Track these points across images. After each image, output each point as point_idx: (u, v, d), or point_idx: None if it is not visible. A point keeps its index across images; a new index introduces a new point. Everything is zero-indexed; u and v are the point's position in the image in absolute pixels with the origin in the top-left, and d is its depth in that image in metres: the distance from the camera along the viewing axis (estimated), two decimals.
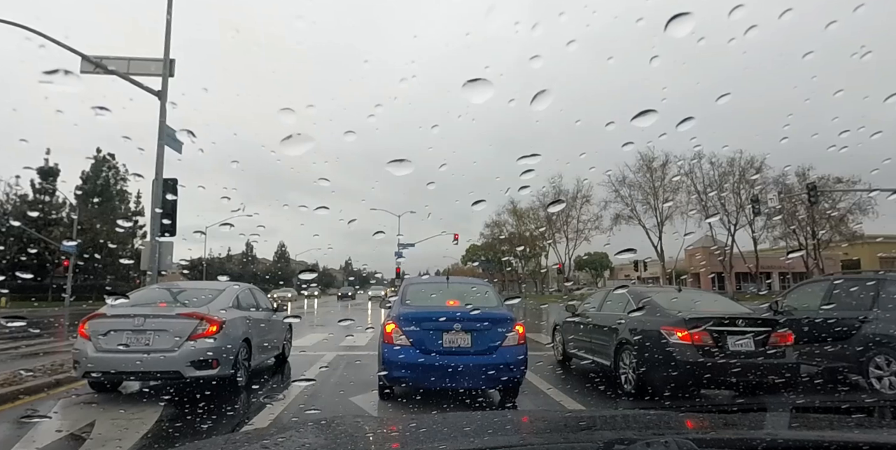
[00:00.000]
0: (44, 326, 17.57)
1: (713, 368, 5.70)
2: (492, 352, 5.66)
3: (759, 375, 5.77)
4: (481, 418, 1.71)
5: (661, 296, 7.07)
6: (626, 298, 7.35)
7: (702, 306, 6.74)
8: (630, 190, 47.17)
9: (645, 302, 6.83)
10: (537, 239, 61.14)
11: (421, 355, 5.58)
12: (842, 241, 43.44)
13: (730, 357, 5.78)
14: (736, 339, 5.91)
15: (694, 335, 5.85)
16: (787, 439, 1.22)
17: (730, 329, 5.94)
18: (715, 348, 5.82)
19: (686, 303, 6.72)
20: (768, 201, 31.03)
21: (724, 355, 5.79)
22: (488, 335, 5.71)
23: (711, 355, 5.79)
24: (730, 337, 5.90)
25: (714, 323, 5.95)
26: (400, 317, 5.85)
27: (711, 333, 5.87)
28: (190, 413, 5.40)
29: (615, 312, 7.44)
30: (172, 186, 9.47)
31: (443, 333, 5.66)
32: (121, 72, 9.55)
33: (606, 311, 7.82)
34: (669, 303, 6.70)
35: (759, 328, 6.02)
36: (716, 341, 5.85)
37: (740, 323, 6.00)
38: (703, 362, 5.74)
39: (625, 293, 7.58)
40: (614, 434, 1.39)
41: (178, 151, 9.95)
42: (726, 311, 6.58)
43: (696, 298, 7.20)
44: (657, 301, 6.76)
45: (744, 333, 5.95)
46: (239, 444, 1.33)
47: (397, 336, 5.68)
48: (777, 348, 6.00)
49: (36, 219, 39.19)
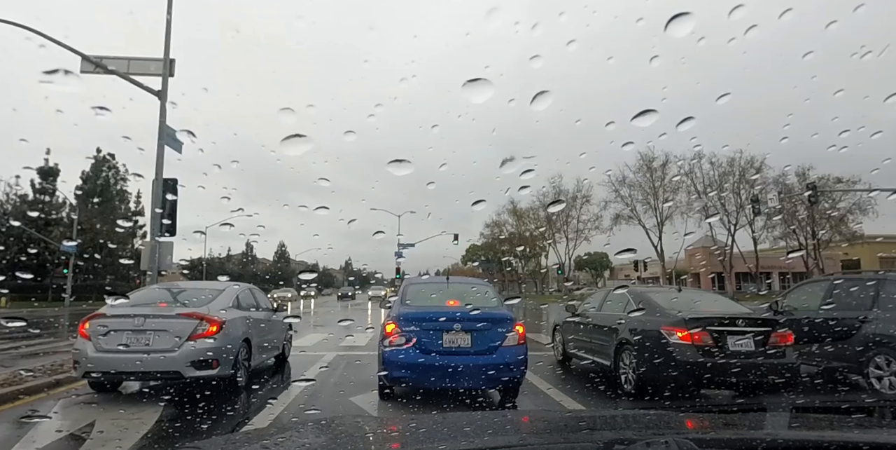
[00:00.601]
0: (43, 326, 17.58)
1: (713, 368, 5.69)
2: (492, 352, 5.65)
3: (759, 375, 5.77)
4: (481, 418, 1.71)
5: (661, 296, 7.07)
6: (626, 298, 7.34)
7: (702, 306, 6.73)
8: (630, 190, 47.24)
9: (645, 302, 6.83)
10: (537, 239, 61.14)
11: (421, 355, 5.57)
12: (842, 241, 43.44)
13: (730, 357, 5.78)
14: (736, 339, 5.90)
15: (694, 335, 5.84)
16: (787, 440, 1.22)
17: (730, 329, 5.94)
18: (715, 348, 5.82)
19: (686, 303, 6.72)
20: (768, 201, 31.01)
21: (723, 355, 5.78)
22: (488, 335, 5.71)
23: (711, 355, 5.79)
24: (730, 337, 5.90)
25: (714, 323, 5.96)
26: (400, 317, 5.85)
27: (711, 334, 5.87)
28: (190, 413, 5.39)
29: (615, 312, 7.43)
30: (172, 186, 9.47)
31: (443, 333, 5.65)
32: (121, 72, 9.54)
33: (606, 311, 7.81)
34: (669, 303, 6.69)
35: (759, 328, 6.02)
36: (716, 341, 5.85)
37: (740, 323, 6.00)
38: (703, 362, 5.73)
39: (625, 293, 7.57)
40: (614, 434, 1.39)
41: (178, 150, 9.95)
42: (726, 311, 6.58)
43: (696, 298, 7.19)
44: (657, 301, 6.76)
45: (744, 333, 5.94)
46: (239, 444, 1.34)
47: (397, 336, 5.67)
48: (777, 348, 6.00)
49: (36, 219, 39.20)
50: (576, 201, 55.02)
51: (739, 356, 5.82)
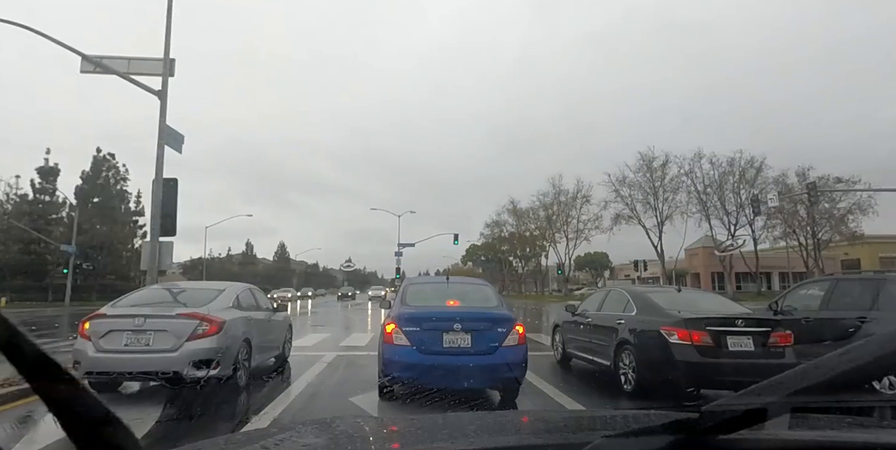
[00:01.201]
0: (42, 327, 17.56)
1: (712, 368, 5.69)
2: (492, 352, 5.61)
3: (759, 375, 5.73)
4: (481, 418, 1.71)
5: (661, 296, 7.06)
6: (626, 298, 7.33)
7: (702, 306, 6.73)
8: (630, 190, 47.22)
9: (644, 302, 6.83)
10: (537, 239, 61.11)
11: (421, 354, 5.54)
12: (842, 241, 43.44)
13: (729, 357, 5.78)
14: (735, 339, 5.90)
15: (693, 335, 5.84)
16: (787, 440, 1.21)
17: (729, 329, 5.93)
18: (715, 348, 5.82)
19: (686, 303, 6.72)
20: (769, 201, 30.95)
21: (723, 356, 5.78)
22: (488, 335, 5.67)
23: (711, 355, 5.78)
24: (729, 337, 5.89)
25: (714, 323, 5.95)
26: (400, 317, 5.82)
27: (711, 334, 5.86)
28: (190, 413, 5.36)
29: (615, 312, 7.42)
30: (173, 186, 9.46)
31: (443, 333, 5.61)
32: (121, 71, 9.52)
33: (606, 311, 7.79)
34: (669, 303, 6.69)
35: (759, 328, 6.02)
36: (715, 342, 5.85)
37: (740, 323, 5.99)
38: (703, 363, 5.73)
39: (624, 293, 7.56)
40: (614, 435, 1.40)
41: (178, 150, 9.94)
42: (726, 311, 6.58)
43: (696, 298, 7.19)
44: (656, 301, 6.75)
45: (743, 333, 5.94)
46: (239, 444, 1.33)
47: (397, 336, 5.64)
48: (777, 348, 6.00)
49: (36, 219, 39.16)
50: (576, 201, 55.09)
51: (739, 356, 5.82)
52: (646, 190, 46.54)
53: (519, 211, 62.15)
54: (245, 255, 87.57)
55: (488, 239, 70.86)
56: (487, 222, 68.60)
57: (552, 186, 57.06)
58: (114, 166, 46.30)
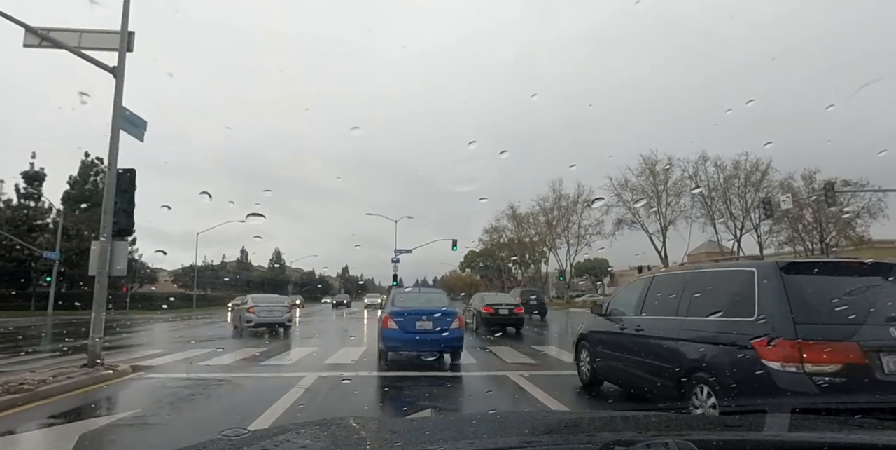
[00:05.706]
0: (8, 337, 16.18)
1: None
2: (445, 331, 9.06)
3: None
4: (481, 419, 1.67)
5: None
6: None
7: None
8: (632, 194, 46.07)
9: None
10: (537, 244, 59.82)
11: (404, 333, 9.03)
12: (848, 246, 42.41)
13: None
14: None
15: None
16: (787, 441, 1.25)
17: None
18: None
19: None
20: (782, 203, 29.91)
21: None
22: (442, 322, 9.14)
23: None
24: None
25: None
26: (391, 312, 9.28)
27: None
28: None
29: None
30: (130, 178, 8.04)
31: (416, 320, 9.10)
32: (71, 46, 8.15)
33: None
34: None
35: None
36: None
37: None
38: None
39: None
40: (615, 436, 1.36)
41: (139, 138, 8.58)
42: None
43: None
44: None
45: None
46: (239, 444, 1.32)
47: (390, 323, 9.08)
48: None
49: (19, 225, 37.69)
50: (576, 206, 53.91)
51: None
52: (648, 194, 45.41)
53: (518, 216, 60.91)
54: (240, 262, 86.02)
55: (487, 245, 69.57)
56: (486, 228, 67.33)
57: (552, 190, 55.94)
58: (102, 171, 44.96)
